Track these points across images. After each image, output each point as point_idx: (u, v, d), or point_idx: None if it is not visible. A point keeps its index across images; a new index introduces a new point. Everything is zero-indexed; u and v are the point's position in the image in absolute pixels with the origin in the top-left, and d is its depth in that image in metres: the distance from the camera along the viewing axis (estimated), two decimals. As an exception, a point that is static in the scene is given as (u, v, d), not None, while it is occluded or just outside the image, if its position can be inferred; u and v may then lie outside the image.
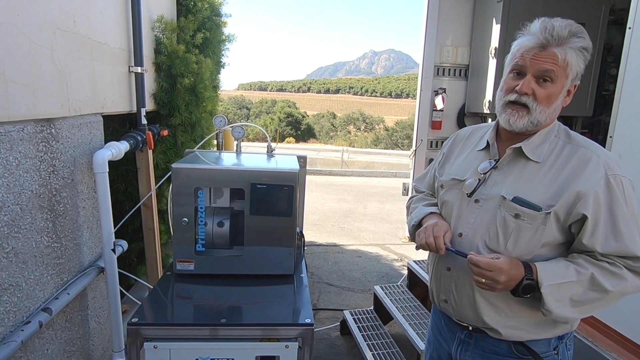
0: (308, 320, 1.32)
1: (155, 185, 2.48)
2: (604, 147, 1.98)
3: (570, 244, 1.12)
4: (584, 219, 1.04)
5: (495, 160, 1.19)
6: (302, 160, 1.88)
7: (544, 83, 1.07)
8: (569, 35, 1.04)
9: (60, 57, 1.63)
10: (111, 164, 1.91)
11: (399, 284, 3.14)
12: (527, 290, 1.05)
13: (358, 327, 2.77)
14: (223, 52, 3.49)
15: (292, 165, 1.67)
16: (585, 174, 1.05)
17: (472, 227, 1.17)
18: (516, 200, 1.10)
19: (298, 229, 1.74)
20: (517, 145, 1.14)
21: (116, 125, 2.51)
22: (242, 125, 1.86)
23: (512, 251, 1.11)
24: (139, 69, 2.27)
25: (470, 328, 1.24)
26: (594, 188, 1.04)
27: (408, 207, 1.47)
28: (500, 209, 1.12)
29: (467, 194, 1.20)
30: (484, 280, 1.05)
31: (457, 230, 1.21)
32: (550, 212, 1.06)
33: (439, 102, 4.32)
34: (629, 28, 1.88)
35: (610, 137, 1.97)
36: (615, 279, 1.03)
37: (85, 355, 1.96)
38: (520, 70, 1.09)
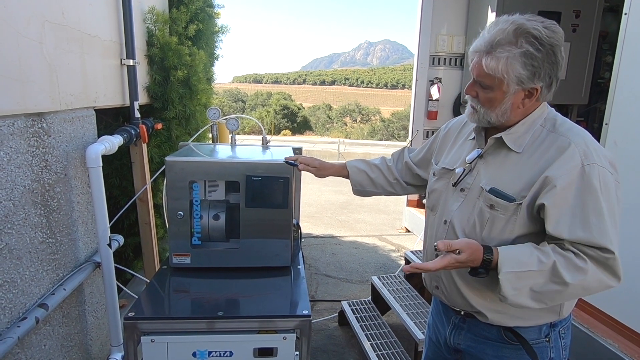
0: (305, 312, 1.32)
1: (150, 179, 2.46)
2: (599, 134, 1.99)
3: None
4: (545, 207, 1.03)
5: (482, 149, 1.19)
6: (297, 151, 1.87)
7: (483, 88, 1.10)
8: (499, 44, 1.03)
9: (49, 50, 1.60)
10: (105, 158, 1.89)
11: (396, 274, 3.15)
12: (478, 275, 1.07)
13: (356, 317, 2.78)
14: (216, 44, 3.44)
15: (288, 157, 1.66)
16: (557, 163, 1.04)
17: (454, 215, 1.20)
18: (492, 191, 1.11)
19: (294, 221, 1.73)
20: (498, 135, 1.14)
21: (109, 119, 2.48)
22: (236, 117, 1.84)
23: (487, 240, 1.12)
24: (131, 62, 2.24)
25: (463, 313, 1.26)
26: (562, 176, 1.02)
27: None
28: (479, 200, 1.14)
29: (452, 183, 1.22)
30: None
31: (442, 217, 1.24)
32: (521, 203, 1.06)
33: (434, 92, 4.31)
34: (625, 14, 1.87)
35: (606, 124, 1.97)
36: (576, 271, 1.01)
37: (83, 350, 1.96)
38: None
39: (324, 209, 6.15)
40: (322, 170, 1.60)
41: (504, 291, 1.03)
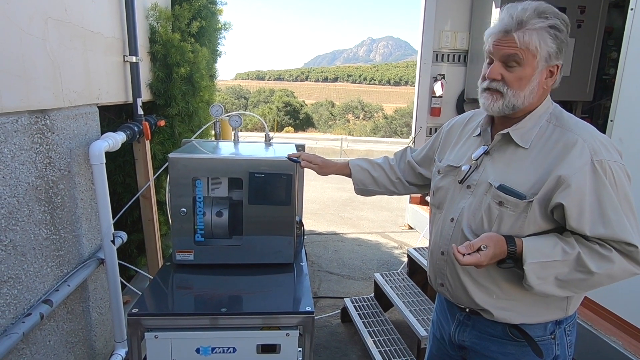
0: (308, 309, 1.32)
1: (154, 176, 2.47)
2: (605, 131, 1.98)
3: (558, 231, 1.10)
4: (562, 206, 1.03)
5: (488, 146, 1.19)
6: (300, 148, 1.87)
7: (511, 67, 1.08)
8: (528, 18, 1.04)
9: (52, 47, 1.60)
10: (108, 155, 1.90)
11: (399, 271, 3.15)
12: (505, 266, 1.08)
13: (359, 314, 2.79)
14: (219, 41, 3.44)
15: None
16: (567, 160, 1.04)
17: (461, 212, 1.19)
18: (501, 188, 1.10)
19: (297, 218, 1.73)
20: (505, 130, 1.14)
21: (112, 116, 2.49)
22: (239, 114, 1.84)
23: None
24: (133, 59, 2.24)
25: (467, 310, 1.25)
26: (575, 174, 1.02)
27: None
28: (486, 196, 1.14)
29: (458, 180, 1.21)
30: None
31: (449, 215, 1.23)
32: (532, 201, 1.06)
33: (437, 89, 4.29)
34: (631, 9, 1.85)
35: (611, 121, 1.96)
36: (602, 260, 1.03)
37: (87, 345, 1.97)
38: (491, 58, 1.11)
39: (326, 206, 6.15)
40: (324, 168, 1.59)
41: (529, 281, 1.05)
